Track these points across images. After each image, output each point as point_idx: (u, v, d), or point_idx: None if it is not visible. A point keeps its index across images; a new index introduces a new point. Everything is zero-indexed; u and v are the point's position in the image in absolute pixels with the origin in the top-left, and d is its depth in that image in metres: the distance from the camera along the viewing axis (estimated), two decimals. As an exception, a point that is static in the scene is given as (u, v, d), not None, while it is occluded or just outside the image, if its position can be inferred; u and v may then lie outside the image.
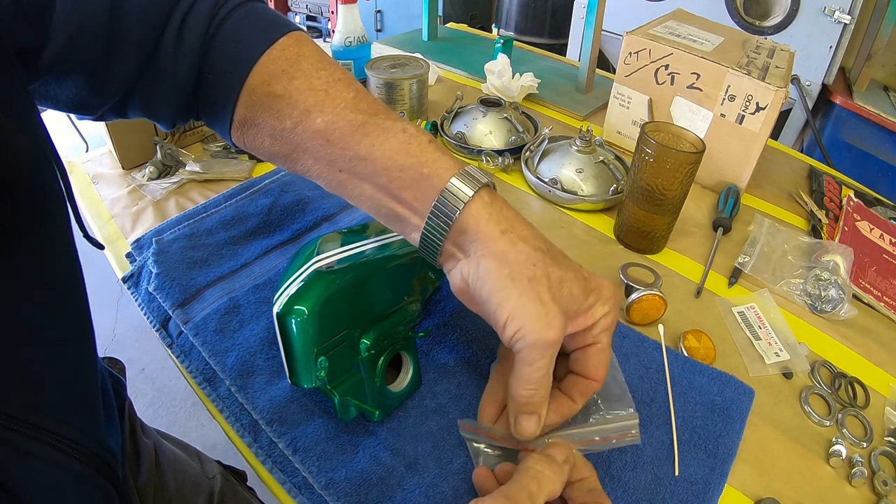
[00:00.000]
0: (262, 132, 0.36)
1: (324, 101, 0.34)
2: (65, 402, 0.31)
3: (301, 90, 0.35)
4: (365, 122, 0.34)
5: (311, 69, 0.35)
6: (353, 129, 0.34)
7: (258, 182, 0.65)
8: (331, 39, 0.86)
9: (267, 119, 0.35)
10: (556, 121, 0.91)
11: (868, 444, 0.44)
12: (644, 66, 0.74)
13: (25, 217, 0.28)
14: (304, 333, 0.37)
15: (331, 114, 0.34)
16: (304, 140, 0.35)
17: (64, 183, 0.32)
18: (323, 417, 0.41)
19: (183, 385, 1.52)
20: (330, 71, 0.36)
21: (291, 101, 0.35)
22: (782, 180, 0.79)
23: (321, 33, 2.70)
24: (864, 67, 1.36)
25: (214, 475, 0.59)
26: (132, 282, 0.55)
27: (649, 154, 0.56)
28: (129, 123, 0.68)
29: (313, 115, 0.34)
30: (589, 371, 0.35)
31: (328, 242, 0.43)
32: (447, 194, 0.32)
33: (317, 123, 0.34)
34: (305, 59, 0.36)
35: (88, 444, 0.31)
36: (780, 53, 0.74)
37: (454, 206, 0.32)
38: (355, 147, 0.34)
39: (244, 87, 0.35)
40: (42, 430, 0.28)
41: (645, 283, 0.53)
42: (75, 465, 0.30)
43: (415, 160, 0.33)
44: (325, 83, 0.35)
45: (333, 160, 0.35)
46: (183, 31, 0.34)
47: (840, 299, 0.55)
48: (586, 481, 0.33)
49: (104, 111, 0.37)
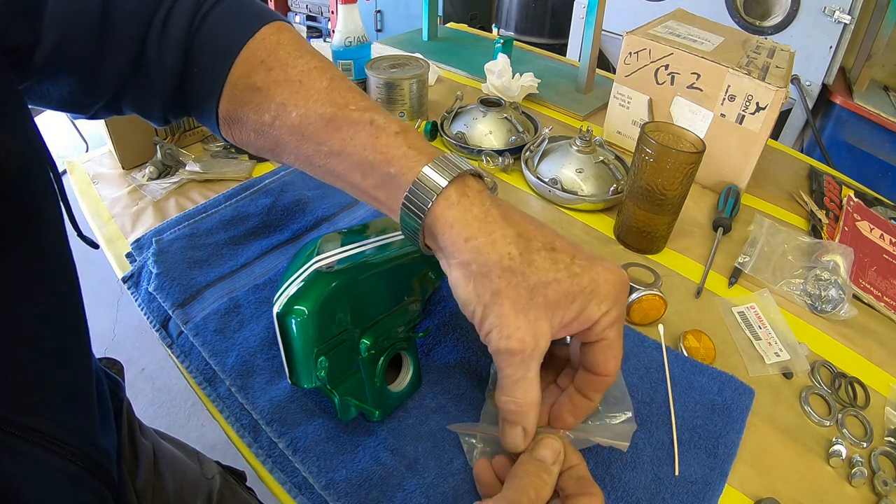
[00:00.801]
0: (246, 127, 0.36)
1: (297, 92, 0.34)
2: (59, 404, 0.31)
3: (278, 82, 0.34)
4: (334, 116, 0.33)
5: (288, 58, 0.35)
6: (324, 124, 0.33)
7: (258, 182, 0.65)
8: (331, 39, 0.86)
9: (249, 114, 0.35)
10: (556, 121, 0.91)
11: (868, 444, 0.44)
12: (644, 66, 0.74)
13: (16, 218, 0.28)
14: (304, 333, 0.37)
15: (304, 107, 0.33)
16: (282, 135, 0.34)
17: (56, 183, 0.31)
18: (323, 417, 0.41)
19: (183, 385, 1.52)
20: (306, 59, 0.35)
21: (269, 94, 0.34)
22: (782, 180, 0.79)
23: (321, 33, 2.69)
24: (864, 67, 1.36)
25: (213, 475, 0.59)
26: (132, 282, 0.55)
27: (649, 154, 0.56)
28: (128, 123, 0.68)
29: (288, 108, 0.34)
30: (598, 368, 0.33)
31: (328, 242, 0.43)
32: (410, 197, 0.31)
33: (292, 118, 0.33)
34: (283, 48, 0.35)
35: (82, 446, 0.31)
36: (780, 53, 0.74)
37: (420, 208, 0.31)
38: (328, 142, 0.33)
39: (227, 81, 0.35)
40: (36, 433, 0.28)
41: (645, 283, 0.53)
42: (69, 467, 0.30)
43: (381, 157, 0.32)
44: (299, 72, 0.34)
45: (310, 156, 0.34)
46: (167, 25, 0.34)
47: (840, 299, 0.55)
48: (575, 469, 0.33)
49: (97, 109, 0.37)
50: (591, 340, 0.33)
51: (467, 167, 0.31)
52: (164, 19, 0.34)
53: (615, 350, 0.33)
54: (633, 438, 0.41)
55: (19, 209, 0.28)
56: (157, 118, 0.38)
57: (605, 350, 0.33)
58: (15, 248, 0.28)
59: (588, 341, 0.33)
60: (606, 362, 0.33)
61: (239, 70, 0.35)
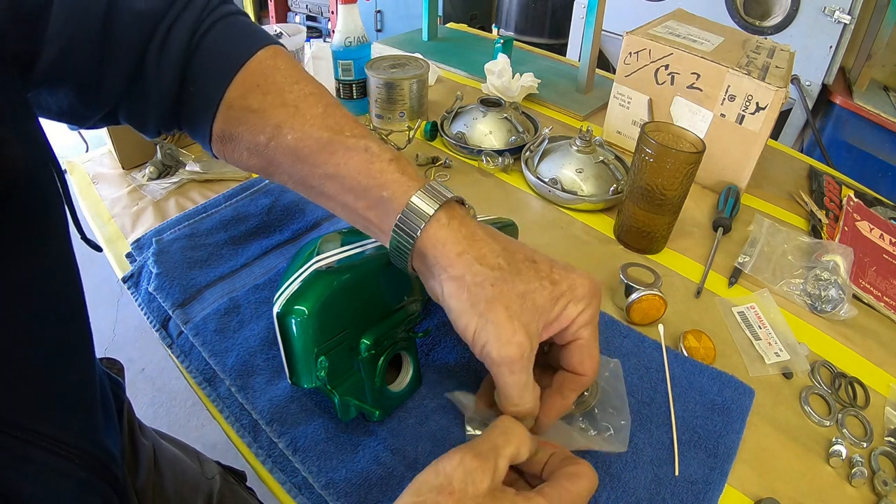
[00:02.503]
0: (239, 146, 0.36)
1: (293, 116, 0.35)
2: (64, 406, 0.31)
3: (274, 105, 0.35)
4: (331, 141, 0.34)
5: (284, 83, 0.36)
6: (319, 148, 0.34)
7: (258, 182, 0.65)
8: (331, 39, 0.86)
9: (244, 133, 0.36)
10: (556, 121, 0.91)
11: (868, 444, 0.44)
12: (644, 66, 0.74)
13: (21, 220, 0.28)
14: (304, 333, 0.37)
15: (300, 130, 0.35)
16: (276, 155, 0.35)
17: (61, 186, 0.32)
18: (323, 417, 0.41)
19: (183, 385, 1.52)
20: (302, 85, 0.36)
21: (265, 116, 0.35)
22: (782, 180, 0.79)
23: (321, 33, 2.70)
24: (864, 67, 1.36)
25: (213, 475, 0.59)
26: (132, 282, 0.55)
27: (649, 154, 0.56)
28: (128, 123, 0.68)
29: (284, 130, 0.35)
30: (574, 366, 0.35)
31: (328, 242, 0.43)
32: (404, 220, 0.33)
33: (287, 140, 0.35)
34: (279, 73, 0.36)
35: (88, 449, 0.31)
36: (780, 53, 0.74)
37: (412, 231, 0.33)
38: (323, 165, 0.34)
39: (223, 101, 0.36)
40: (42, 436, 0.28)
41: (645, 283, 0.53)
42: (76, 471, 0.30)
43: (375, 182, 0.34)
44: (296, 98, 0.35)
45: (304, 176, 0.35)
46: (167, 41, 0.35)
47: (840, 299, 0.55)
48: (558, 452, 0.34)
49: (95, 121, 0.38)
50: (567, 341, 0.35)
51: (451, 195, 0.34)
52: (164, 36, 0.34)
53: (591, 350, 0.35)
54: (632, 438, 0.41)
55: (25, 211, 0.28)
56: (150, 131, 0.39)
57: (580, 349, 0.35)
58: (19, 250, 0.28)
59: (564, 342, 0.35)
60: (582, 361, 0.35)
61: (235, 91, 0.35)
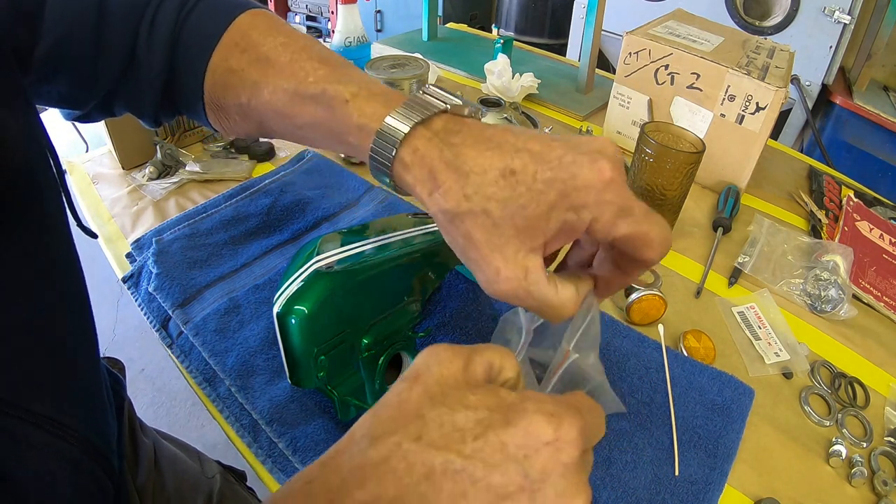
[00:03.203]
0: (230, 112, 0.37)
1: (265, 70, 0.34)
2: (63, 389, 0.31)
3: (250, 62, 0.35)
4: (296, 90, 0.34)
5: (259, 38, 0.35)
6: (288, 99, 0.34)
7: (258, 182, 0.65)
8: (331, 39, 0.86)
9: (229, 98, 0.36)
10: (556, 121, 0.91)
11: (868, 444, 0.44)
12: (644, 66, 0.74)
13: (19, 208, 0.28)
14: (304, 333, 0.37)
15: (272, 84, 0.34)
16: (261, 113, 0.35)
17: (58, 173, 0.32)
18: (323, 417, 0.41)
19: (183, 385, 1.52)
20: (274, 36, 0.36)
21: (243, 76, 0.35)
22: (782, 180, 0.79)
23: (321, 33, 2.70)
24: (864, 67, 1.36)
25: (214, 475, 0.59)
26: (132, 282, 0.55)
27: (649, 154, 0.56)
28: (128, 123, 0.68)
29: (260, 86, 0.34)
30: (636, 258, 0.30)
31: (328, 242, 0.43)
32: (374, 164, 0.31)
33: (264, 95, 0.34)
34: (256, 30, 0.36)
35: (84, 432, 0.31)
36: (780, 53, 0.74)
37: (385, 173, 0.31)
38: (294, 117, 0.34)
39: (207, 69, 0.36)
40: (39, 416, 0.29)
41: (645, 283, 0.53)
42: (70, 451, 0.30)
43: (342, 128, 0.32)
44: (268, 50, 0.35)
45: (288, 129, 0.35)
46: (154, 23, 0.35)
47: (840, 299, 0.55)
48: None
49: (90, 109, 0.38)
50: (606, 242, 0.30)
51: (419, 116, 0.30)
52: (153, 18, 0.35)
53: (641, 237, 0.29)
54: (632, 438, 0.41)
55: (23, 199, 0.29)
56: (148, 117, 0.39)
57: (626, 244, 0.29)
58: (18, 238, 0.28)
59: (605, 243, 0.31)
60: (636, 251, 0.29)
61: (218, 57, 0.36)
